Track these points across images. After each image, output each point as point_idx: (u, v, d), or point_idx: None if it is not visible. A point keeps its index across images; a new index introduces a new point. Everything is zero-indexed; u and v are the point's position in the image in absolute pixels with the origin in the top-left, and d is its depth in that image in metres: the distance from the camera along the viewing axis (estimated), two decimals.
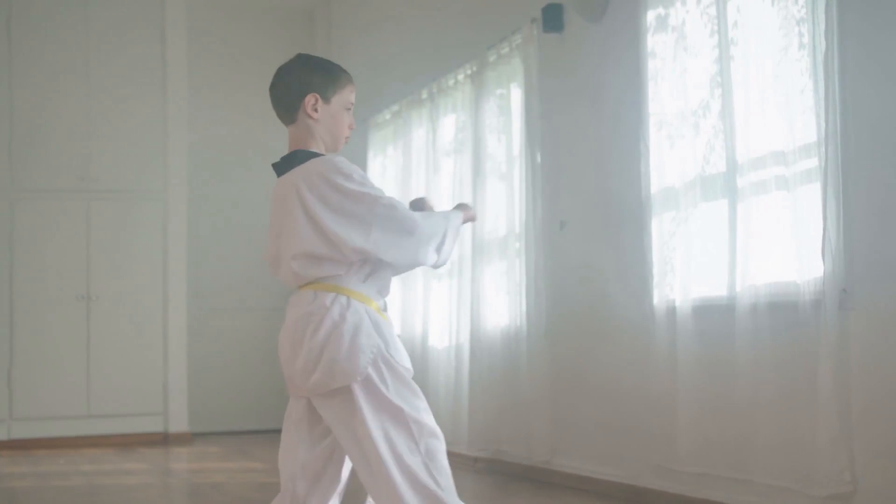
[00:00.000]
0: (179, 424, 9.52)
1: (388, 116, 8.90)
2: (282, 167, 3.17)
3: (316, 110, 3.14)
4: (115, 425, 9.35)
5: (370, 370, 3.00)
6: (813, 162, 4.52)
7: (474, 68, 7.31)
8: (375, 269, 3.09)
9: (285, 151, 3.22)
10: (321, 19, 10.52)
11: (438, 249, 3.12)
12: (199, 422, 9.77)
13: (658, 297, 5.46)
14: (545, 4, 6.45)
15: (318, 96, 3.15)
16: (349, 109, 3.22)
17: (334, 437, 3.09)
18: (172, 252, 9.58)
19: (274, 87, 3.22)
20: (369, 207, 3.00)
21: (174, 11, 9.71)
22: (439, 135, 7.91)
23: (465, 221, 3.25)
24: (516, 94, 6.90)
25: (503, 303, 6.97)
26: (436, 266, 3.18)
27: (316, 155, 3.12)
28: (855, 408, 4.34)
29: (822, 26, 4.42)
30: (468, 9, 7.67)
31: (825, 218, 4.38)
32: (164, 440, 9.43)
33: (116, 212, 9.46)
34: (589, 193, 6.25)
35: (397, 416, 2.98)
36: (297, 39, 10.48)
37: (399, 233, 3.04)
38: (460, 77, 7.57)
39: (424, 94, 8.10)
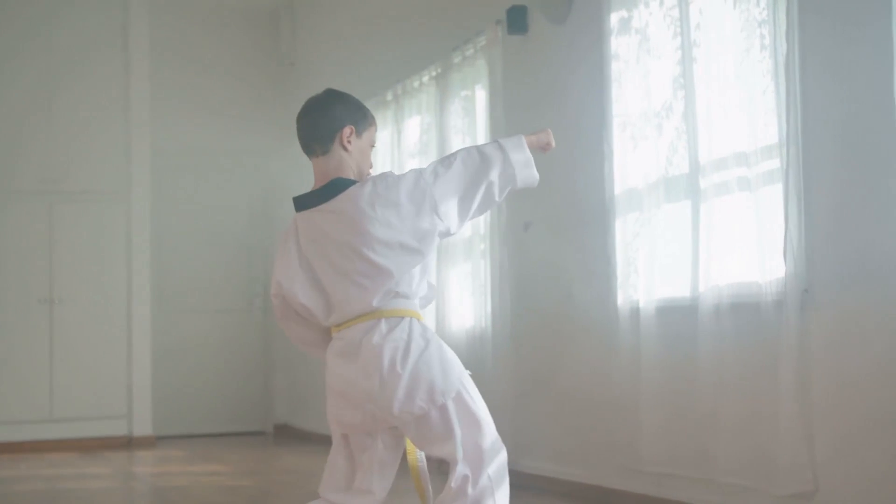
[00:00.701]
0: (143, 428, 9.47)
1: None
2: (321, 196, 3.17)
3: (350, 142, 3.21)
4: (79, 429, 9.28)
5: (459, 385, 3.15)
6: (774, 163, 4.55)
7: (439, 70, 7.31)
8: (423, 282, 3.20)
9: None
10: (285, 21, 10.48)
11: (503, 173, 3.27)
12: (163, 425, 9.71)
13: (622, 298, 5.48)
14: (509, 6, 6.46)
15: (353, 129, 3.22)
16: (373, 147, 3.31)
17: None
18: (136, 254, 9.52)
19: (307, 117, 3.23)
20: (419, 188, 3.12)
21: (137, 12, 9.66)
22: (404, 136, 7.90)
23: (532, 146, 3.38)
24: (481, 96, 6.91)
25: (468, 304, 6.97)
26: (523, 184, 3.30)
27: (354, 181, 3.17)
28: (816, 407, 4.37)
29: (783, 28, 4.45)
30: (433, 11, 7.67)
31: (787, 219, 4.41)
32: (128, 444, 9.37)
33: (79, 214, 9.40)
34: (553, 194, 6.25)
35: (483, 428, 3.17)
36: (261, 41, 10.45)
37: (445, 169, 3.16)
38: (425, 79, 7.57)
39: (389, 96, 8.09)
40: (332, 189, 3.16)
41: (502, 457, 3.18)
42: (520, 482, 6.32)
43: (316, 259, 3.15)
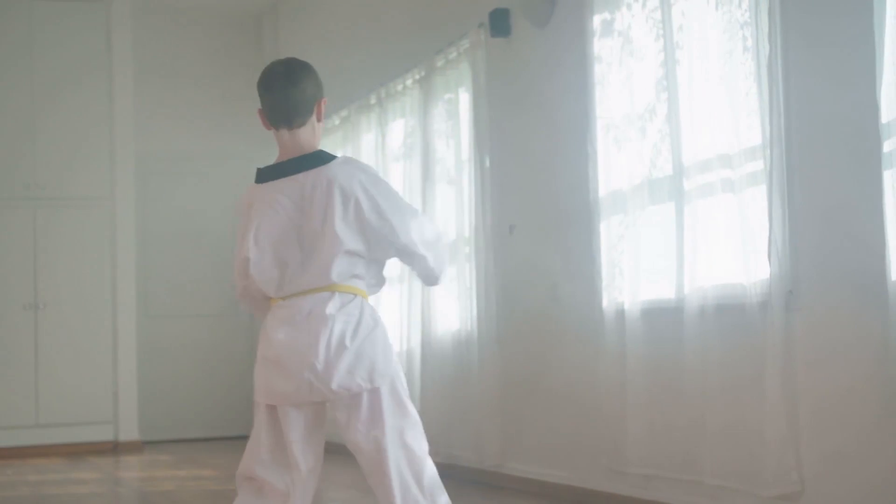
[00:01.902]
0: (130, 433, 9.45)
1: (336, 122, 8.88)
2: (302, 165, 3.15)
3: (322, 114, 3.24)
4: (65, 434, 9.25)
5: (395, 373, 3.15)
6: (758, 164, 4.56)
7: (422, 73, 7.31)
8: (379, 272, 3.22)
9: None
10: (269, 25, 10.48)
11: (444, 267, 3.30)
12: (149, 430, 9.70)
13: (607, 300, 5.49)
14: (492, 9, 6.47)
15: (325, 100, 3.26)
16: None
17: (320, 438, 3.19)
18: (121, 259, 9.50)
19: (291, 87, 3.18)
20: (409, 207, 3.18)
21: (120, 16, 9.63)
22: (388, 140, 7.91)
23: None
24: (464, 99, 6.91)
25: (454, 307, 6.97)
26: (437, 282, 3.31)
27: (334, 156, 3.18)
28: (802, 408, 4.38)
29: (766, 30, 4.46)
30: (416, 14, 7.67)
31: (771, 220, 4.42)
32: (114, 449, 9.35)
33: (63, 219, 9.37)
34: (537, 197, 6.27)
35: (411, 417, 3.15)
36: (245, 45, 10.44)
37: (435, 236, 3.23)
38: (409, 82, 7.57)
39: (373, 100, 8.10)
40: (316, 159, 3.14)
41: (430, 466, 3.18)
42: (506, 484, 6.35)
43: (278, 228, 3.12)
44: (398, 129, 7.81)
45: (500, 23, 6.45)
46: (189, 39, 10.43)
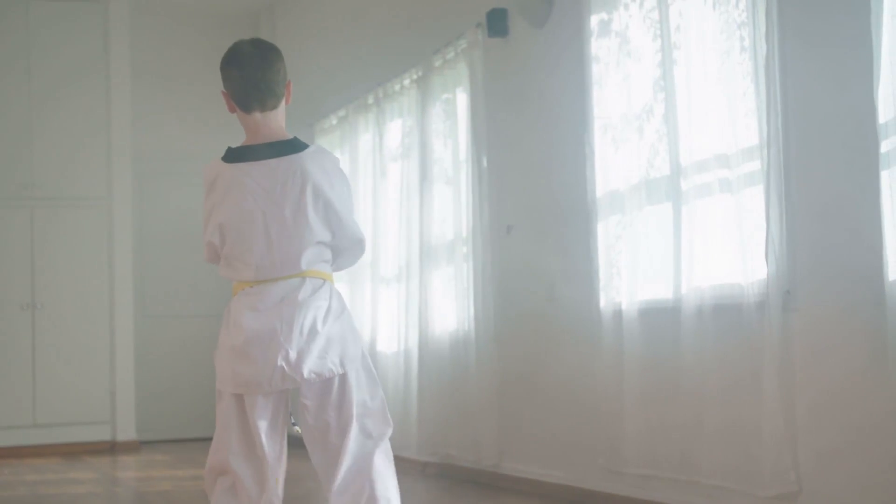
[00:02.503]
0: (127, 432, 9.45)
1: (334, 122, 8.88)
2: (280, 150, 3.10)
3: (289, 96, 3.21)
4: (62, 434, 9.26)
5: (363, 352, 3.15)
6: (756, 164, 4.56)
7: (420, 73, 7.31)
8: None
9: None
10: (266, 24, 10.48)
11: None
12: (146, 430, 9.69)
13: (604, 300, 5.49)
14: (490, 9, 6.46)
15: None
16: None
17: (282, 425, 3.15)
18: (118, 259, 9.50)
19: (268, 68, 3.12)
20: (344, 212, 3.13)
21: (117, 15, 9.63)
22: (386, 140, 7.90)
23: None
24: (462, 99, 6.91)
25: (451, 307, 6.97)
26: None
27: (307, 144, 3.15)
28: (799, 408, 4.38)
29: (763, 30, 4.46)
30: (413, 14, 7.67)
31: (768, 220, 4.42)
32: (111, 449, 9.35)
33: (60, 219, 9.37)
34: (535, 197, 6.27)
35: (379, 399, 3.15)
36: None
37: (358, 241, 3.20)
38: (406, 82, 7.56)
39: (370, 99, 8.09)
40: (291, 146, 3.10)
41: (389, 433, 3.18)
42: (503, 484, 6.35)
43: (245, 212, 3.07)
44: (396, 129, 7.81)
45: (497, 23, 6.45)
46: (186, 40, 10.42)
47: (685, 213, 4.94)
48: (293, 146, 3.11)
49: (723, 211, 4.74)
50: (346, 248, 3.16)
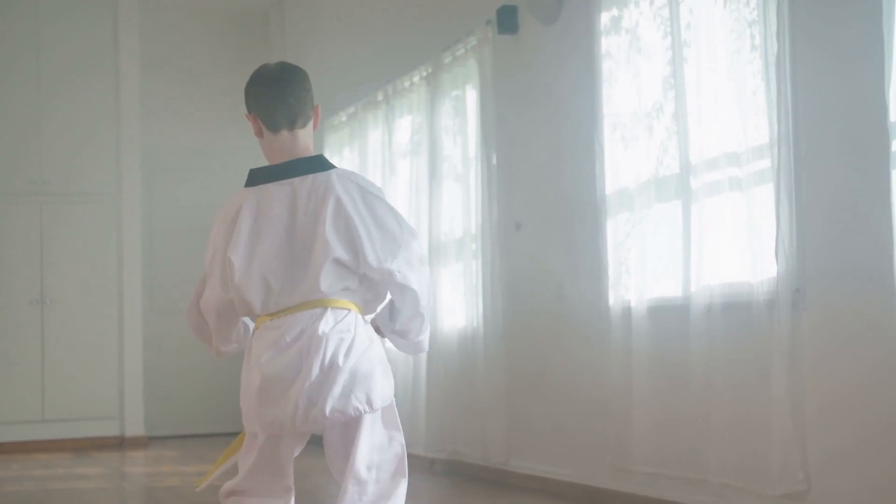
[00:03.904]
0: (135, 428, 9.46)
1: (343, 118, 8.88)
2: (305, 168, 2.96)
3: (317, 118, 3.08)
4: (71, 429, 9.27)
5: (393, 394, 2.97)
6: (766, 163, 4.55)
7: (429, 70, 7.31)
8: (376, 287, 2.98)
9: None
10: (275, 21, 10.48)
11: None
12: (155, 425, 9.70)
13: (613, 298, 5.48)
14: (500, 6, 6.46)
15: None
16: None
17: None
18: (127, 255, 9.51)
19: (299, 86, 3.01)
20: (400, 227, 2.93)
21: (126, 13, 9.64)
22: (395, 137, 7.90)
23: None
24: (471, 96, 6.91)
25: (460, 304, 6.97)
26: (421, 346, 3.11)
27: (333, 165, 3.00)
28: (808, 407, 4.37)
29: (774, 28, 4.45)
30: (423, 11, 7.67)
31: (778, 218, 4.41)
32: (120, 444, 9.36)
33: (70, 215, 9.38)
34: (544, 194, 6.26)
35: (399, 441, 2.96)
36: (251, 41, 10.44)
37: (421, 261, 2.97)
38: (416, 79, 7.56)
39: (380, 96, 8.09)
40: (316, 164, 2.97)
41: (401, 486, 2.94)
42: (511, 481, 6.35)
43: (270, 237, 2.90)
44: (405, 125, 7.81)
45: (507, 20, 6.44)
46: (195, 35, 10.42)
47: (695, 211, 4.93)
48: (319, 164, 2.97)
49: (732, 209, 4.73)
50: (387, 272, 2.89)
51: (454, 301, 7.04)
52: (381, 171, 8.07)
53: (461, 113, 7.01)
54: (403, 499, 2.94)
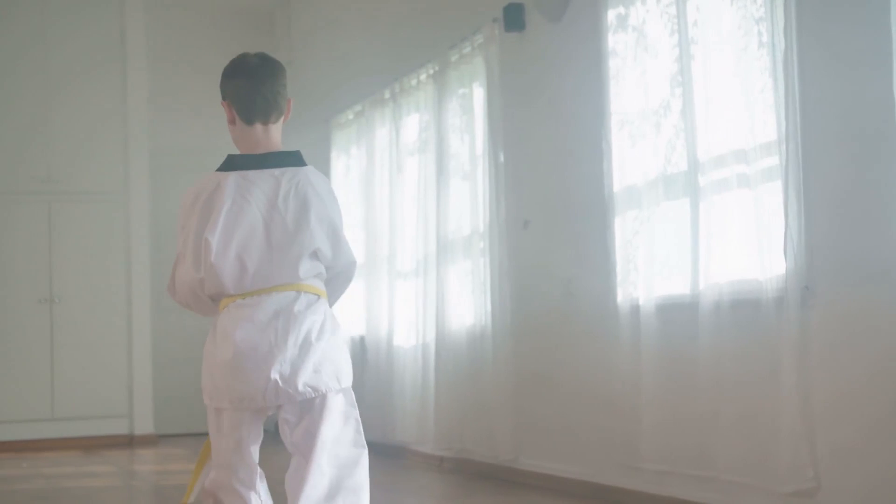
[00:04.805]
0: (145, 426, 9.48)
1: (350, 116, 8.89)
2: (281, 161, 3.08)
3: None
4: (80, 428, 9.30)
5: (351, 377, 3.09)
6: (774, 160, 4.54)
7: (436, 68, 7.31)
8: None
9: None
10: (281, 20, 10.48)
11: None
12: (164, 423, 9.72)
13: (622, 296, 5.48)
14: (506, 4, 6.46)
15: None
16: None
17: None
18: (135, 253, 9.54)
19: (270, 82, 3.09)
20: (341, 230, 3.11)
21: (133, 14, 9.65)
22: (402, 134, 7.91)
23: None
24: (479, 94, 6.91)
25: (468, 302, 6.97)
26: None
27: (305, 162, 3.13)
28: (817, 404, 4.37)
29: (781, 25, 4.45)
30: (429, 9, 7.67)
31: (786, 215, 4.41)
32: (129, 442, 9.38)
33: (78, 213, 9.41)
34: (552, 192, 6.26)
35: (356, 417, 3.08)
36: (258, 40, 10.40)
37: (352, 262, 3.17)
38: (423, 77, 7.57)
39: (387, 94, 8.10)
40: (295, 158, 3.09)
41: (362, 457, 3.07)
42: (519, 479, 6.36)
43: (247, 219, 3.00)
44: (412, 123, 7.81)
45: (514, 17, 6.44)
46: (202, 33, 10.43)
47: (703, 209, 4.93)
48: (298, 158, 3.10)
49: (740, 206, 4.73)
50: (340, 271, 3.13)
51: (462, 299, 7.04)
52: (388, 169, 8.08)
53: (468, 111, 7.01)
54: (366, 466, 3.07)
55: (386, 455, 7.76)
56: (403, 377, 7.68)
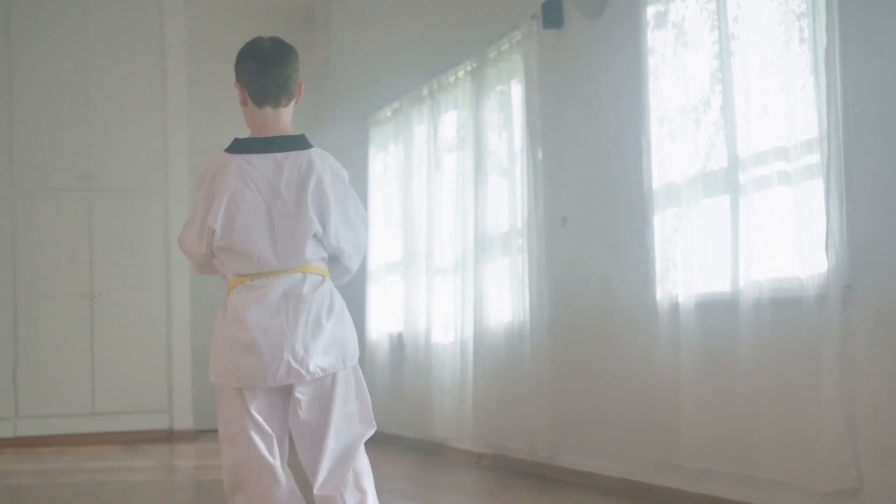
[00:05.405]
0: (184, 421, 9.55)
1: (388, 113, 8.90)
2: (288, 145, 3.17)
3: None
4: (120, 423, 9.37)
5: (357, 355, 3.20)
6: (815, 157, 4.51)
7: (474, 65, 7.31)
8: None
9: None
10: (320, 17, 10.51)
11: None
12: (203, 418, 9.77)
13: (661, 293, 5.46)
14: (545, 0, 6.45)
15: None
16: None
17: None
18: (175, 249, 9.58)
19: (281, 66, 3.20)
20: (356, 212, 3.19)
21: (173, 10, 9.72)
22: (440, 131, 7.91)
23: None
24: (517, 91, 6.90)
25: (506, 299, 6.97)
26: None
27: (311, 144, 3.21)
28: (859, 404, 4.33)
29: (823, 20, 4.42)
30: (468, 5, 7.67)
31: (828, 213, 4.38)
32: (168, 437, 9.45)
33: (118, 210, 9.48)
34: (591, 189, 6.25)
35: (366, 399, 3.17)
36: (296, 38, 10.27)
37: (362, 247, 3.24)
38: (461, 73, 7.57)
39: (425, 91, 8.10)
40: (299, 142, 3.18)
41: (369, 434, 3.18)
42: (558, 476, 6.35)
43: (249, 203, 3.09)
44: (450, 120, 7.81)
45: (552, 14, 6.43)
46: (242, 31, 10.36)
47: (743, 206, 4.90)
48: (301, 142, 3.18)
49: (781, 204, 4.70)
50: (340, 251, 3.16)
51: (500, 296, 7.04)
52: (426, 166, 8.09)
53: (506, 108, 7.01)
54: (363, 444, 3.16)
55: (424, 452, 7.78)
56: (442, 374, 7.69)
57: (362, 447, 3.15)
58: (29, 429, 9.17)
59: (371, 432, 3.17)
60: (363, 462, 3.16)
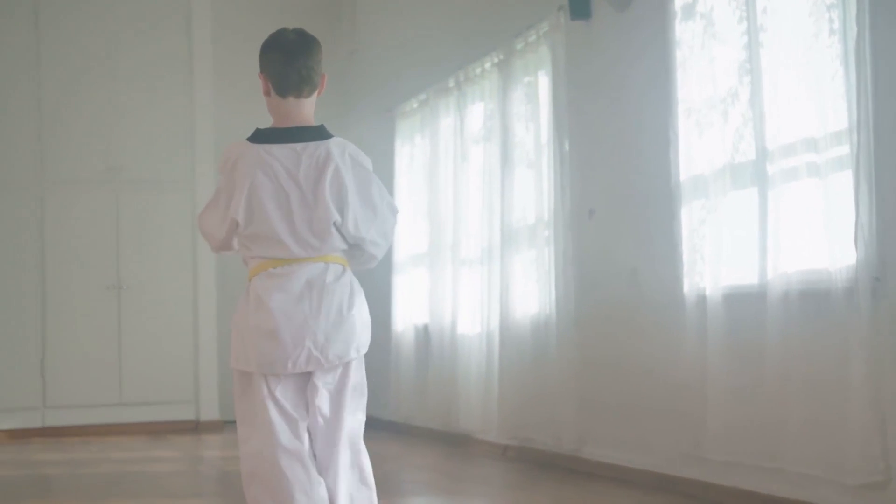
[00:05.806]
0: (210, 412, 9.59)
1: (415, 105, 8.90)
2: (311, 135, 3.24)
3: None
4: (147, 413, 9.43)
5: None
6: (844, 149, 4.48)
7: (501, 56, 7.30)
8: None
9: None
10: (346, 9, 10.51)
11: None
12: (229, 409, 9.77)
13: (688, 285, 5.44)
14: None
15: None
16: None
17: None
18: (201, 241, 9.61)
19: (305, 57, 3.26)
20: (381, 199, 3.25)
21: (200, 1, 9.74)
22: (467, 123, 7.90)
23: None
24: (544, 82, 6.89)
25: (532, 291, 6.96)
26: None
27: (332, 134, 3.28)
28: (888, 396, 4.31)
29: (854, 11, 4.39)
30: None
31: (857, 205, 4.35)
32: (195, 428, 9.49)
33: (145, 202, 9.53)
34: (618, 181, 6.23)
35: (364, 387, 3.30)
36: (323, 29, 10.33)
37: (389, 233, 3.29)
38: (487, 65, 7.56)
39: (451, 83, 8.09)
40: (318, 133, 3.24)
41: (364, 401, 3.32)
42: (583, 468, 6.34)
43: (270, 193, 3.16)
44: (477, 112, 7.81)
45: (580, 5, 6.40)
46: (267, 23, 10.37)
47: (771, 198, 4.88)
48: (320, 132, 3.24)
49: (810, 196, 4.67)
50: (360, 239, 3.21)
51: (527, 288, 7.03)
52: (452, 157, 8.08)
53: (533, 99, 6.99)
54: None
55: (449, 443, 7.78)
56: (468, 365, 7.69)
57: (360, 431, 3.27)
58: (56, 419, 9.23)
59: (363, 423, 3.30)
60: (366, 456, 3.27)
